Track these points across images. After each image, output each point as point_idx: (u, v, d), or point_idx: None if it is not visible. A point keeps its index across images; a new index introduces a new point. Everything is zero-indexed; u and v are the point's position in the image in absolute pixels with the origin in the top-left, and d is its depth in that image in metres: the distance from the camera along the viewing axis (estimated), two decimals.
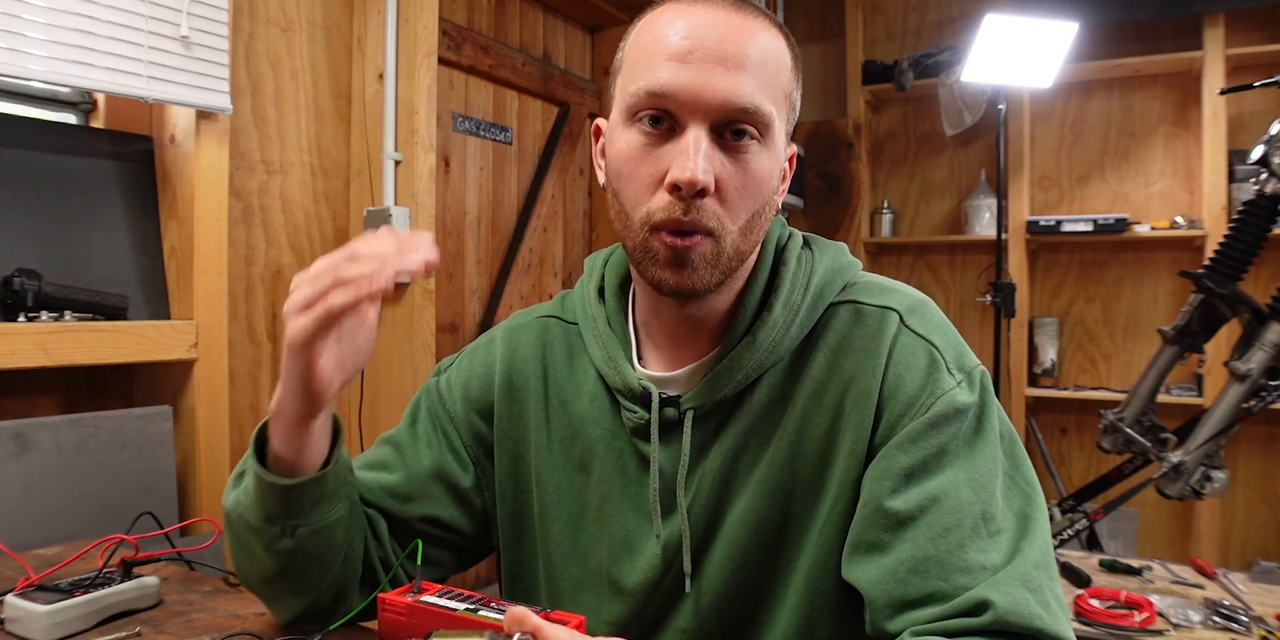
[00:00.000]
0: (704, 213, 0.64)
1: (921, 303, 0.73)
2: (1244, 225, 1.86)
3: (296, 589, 0.74)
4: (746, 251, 0.69)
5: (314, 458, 0.70)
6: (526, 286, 2.54)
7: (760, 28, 0.67)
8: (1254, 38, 2.79)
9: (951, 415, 0.66)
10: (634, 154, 0.67)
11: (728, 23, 0.66)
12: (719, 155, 0.65)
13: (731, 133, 0.65)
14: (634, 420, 0.74)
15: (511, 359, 0.83)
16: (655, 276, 0.67)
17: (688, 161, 0.63)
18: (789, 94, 0.69)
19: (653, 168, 0.66)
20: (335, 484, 0.71)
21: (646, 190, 0.66)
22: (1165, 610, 1.54)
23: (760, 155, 0.67)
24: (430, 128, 1.90)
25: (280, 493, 0.68)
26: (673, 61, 0.65)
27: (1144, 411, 2.00)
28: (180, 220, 1.49)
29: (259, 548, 0.71)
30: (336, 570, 0.74)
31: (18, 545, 0.95)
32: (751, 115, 0.65)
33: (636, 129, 0.67)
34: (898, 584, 0.62)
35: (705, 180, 0.63)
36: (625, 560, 0.75)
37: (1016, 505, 0.66)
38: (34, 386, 1.35)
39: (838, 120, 3.38)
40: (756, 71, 0.65)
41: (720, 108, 0.64)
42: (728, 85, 0.64)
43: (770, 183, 0.68)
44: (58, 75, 1.28)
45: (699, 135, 0.64)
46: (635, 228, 0.67)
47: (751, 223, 0.68)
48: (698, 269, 0.66)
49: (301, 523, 0.69)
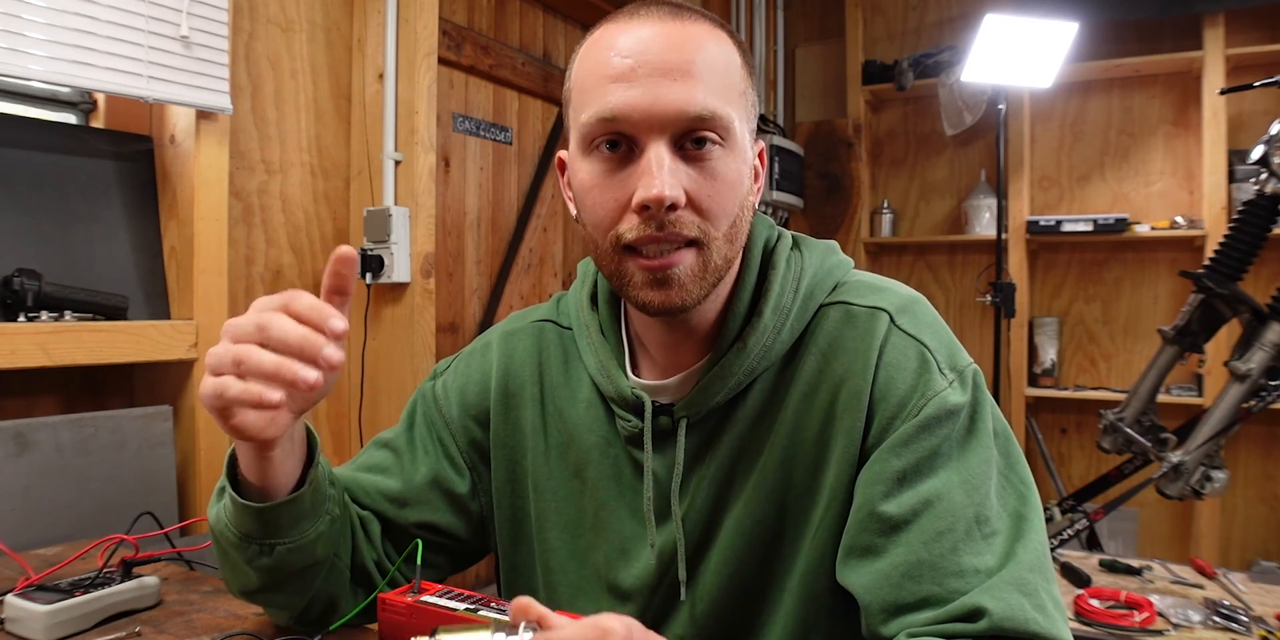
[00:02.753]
0: (682, 224, 0.63)
1: (912, 301, 0.72)
2: (1244, 225, 1.86)
3: (282, 601, 0.73)
4: (733, 258, 0.69)
5: (282, 480, 0.67)
6: (526, 286, 2.54)
7: (701, 32, 0.66)
8: (1254, 38, 2.79)
9: (944, 417, 0.65)
10: (597, 182, 0.66)
11: (666, 33, 0.64)
12: (684, 168, 0.64)
13: (692, 142, 0.64)
14: (628, 429, 0.74)
15: (508, 365, 0.83)
16: (639, 300, 0.66)
17: (653, 180, 0.62)
18: (744, 93, 0.68)
19: (617, 193, 0.65)
20: (313, 502, 0.69)
21: (613, 215, 0.65)
22: (1165, 610, 1.54)
23: (726, 159, 0.65)
24: (430, 128, 1.90)
25: (254, 514, 0.67)
26: (618, 83, 0.63)
27: (1144, 411, 2.00)
28: (180, 220, 1.49)
29: (240, 562, 0.70)
30: (321, 581, 0.73)
31: (18, 545, 0.95)
32: (709, 121, 0.63)
33: (595, 157, 0.66)
34: (892, 588, 0.62)
35: (673, 195, 0.62)
36: (621, 566, 0.75)
37: (1011, 505, 0.65)
38: (34, 386, 1.35)
39: (838, 120, 3.38)
40: (706, 77, 0.64)
41: (675, 120, 0.63)
42: (678, 96, 0.63)
43: (742, 184, 0.67)
44: (58, 75, 1.28)
45: (659, 151, 0.63)
46: (607, 252, 0.66)
47: (734, 228, 0.67)
48: (684, 285, 0.65)
49: (279, 542, 0.68)
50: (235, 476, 0.69)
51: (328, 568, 0.73)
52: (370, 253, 1.82)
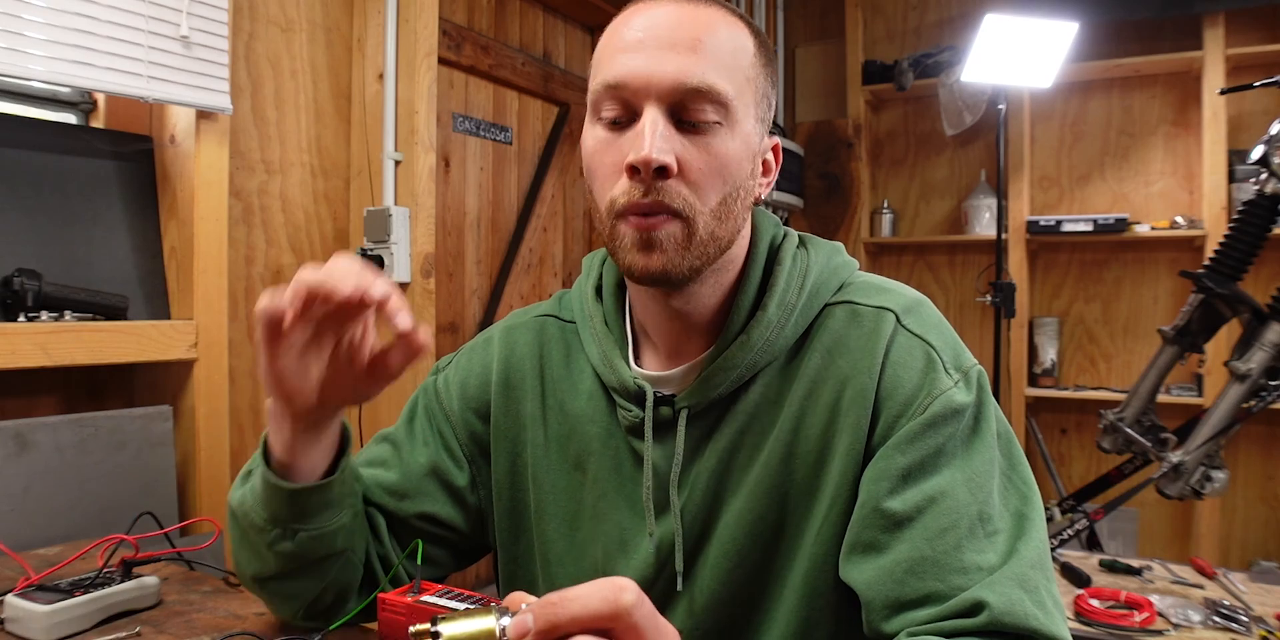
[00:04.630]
0: (668, 194, 0.64)
1: (918, 302, 0.73)
2: (1244, 225, 1.86)
3: (293, 590, 0.74)
4: (724, 237, 0.69)
5: (311, 464, 0.70)
6: (526, 286, 2.54)
7: (717, 17, 0.67)
8: (1254, 38, 2.79)
9: (949, 415, 0.66)
10: (598, 147, 0.68)
11: (680, 13, 0.66)
12: (679, 137, 0.65)
13: (692, 115, 0.65)
14: (629, 418, 0.74)
15: (509, 358, 0.83)
16: (626, 262, 0.67)
17: (643, 142, 0.63)
18: (753, 79, 0.68)
19: (614, 157, 0.66)
20: (340, 492, 0.71)
21: (610, 179, 0.67)
22: (1165, 610, 1.54)
23: (724, 137, 0.66)
24: (430, 128, 1.90)
25: (284, 495, 0.69)
26: (626, 53, 0.65)
27: (1144, 411, 2.00)
28: (180, 220, 1.49)
29: (261, 546, 0.71)
30: (334, 573, 0.74)
31: (18, 545, 0.95)
32: (706, 94, 0.64)
33: (600, 124, 0.68)
34: (894, 585, 0.62)
35: (661, 159, 0.63)
36: (620, 558, 0.75)
37: (1013, 505, 0.66)
38: (34, 386, 1.35)
39: (838, 120, 3.38)
40: (710, 53, 0.65)
41: (672, 89, 0.64)
42: (679, 66, 0.64)
43: (741, 166, 0.67)
44: (58, 75, 1.28)
45: (655, 117, 0.64)
46: (604, 217, 0.68)
47: (725, 206, 0.67)
48: (666, 250, 0.65)
49: (303, 527, 0.70)
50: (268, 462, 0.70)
51: (342, 561, 0.74)
52: (370, 253, 1.82)
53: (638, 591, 0.43)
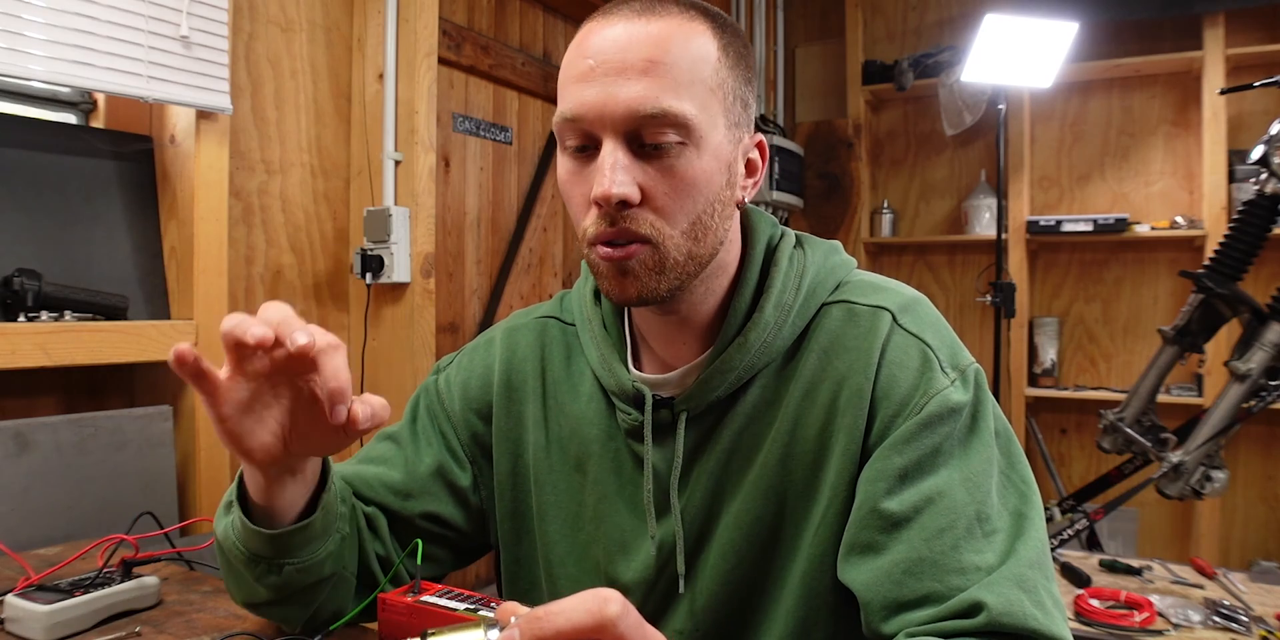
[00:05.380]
0: (636, 221, 0.64)
1: (915, 301, 0.72)
2: (1244, 225, 1.86)
3: (286, 614, 0.73)
4: (702, 254, 0.68)
5: (289, 502, 0.67)
6: (526, 286, 2.54)
7: (671, 27, 0.65)
8: (1254, 38, 2.79)
9: (946, 415, 0.65)
10: (568, 178, 0.68)
11: (629, 33, 0.64)
12: (640, 166, 0.64)
13: (652, 138, 0.64)
14: (628, 421, 0.74)
15: (510, 359, 0.83)
16: (604, 289, 0.68)
17: (603, 178, 0.63)
18: (720, 86, 0.66)
19: (583, 189, 0.66)
20: (323, 526, 0.69)
21: (581, 209, 0.67)
22: (1165, 610, 1.54)
23: (689, 157, 0.65)
24: (430, 128, 1.90)
25: (263, 538, 0.67)
26: (580, 83, 0.65)
27: (1144, 411, 2.00)
28: (180, 220, 1.49)
29: (248, 578, 0.70)
30: (327, 594, 0.73)
31: (18, 545, 0.95)
32: (663, 119, 0.63)
33: (568, 155, 0.68)
34: (893, 586, 0.62)
35: (620, 192, 0.62)
36: (621, 560, 0.75)
37: (1012, 504, 0.65)
38: (34, 386, 1.35)
39: (838, 120, 3.38)
40: (665, 73, 0.63)
41: (626, 118, 0.63)
42: (630, 94, 0.63)
43: (711, 181, 0.66)
44: (58, 75, 1.28)
45: (613, 149, 0.63)
46: (581, 245, 0.68)
47: (698, 225, 0.66)
48: (640, 277, 0.66)
49: (288, 561, 0.68)
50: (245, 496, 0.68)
51: (334, 582, 0.74)
52: (370, 253, 1.82)
53: (623, 602, 0.43)
